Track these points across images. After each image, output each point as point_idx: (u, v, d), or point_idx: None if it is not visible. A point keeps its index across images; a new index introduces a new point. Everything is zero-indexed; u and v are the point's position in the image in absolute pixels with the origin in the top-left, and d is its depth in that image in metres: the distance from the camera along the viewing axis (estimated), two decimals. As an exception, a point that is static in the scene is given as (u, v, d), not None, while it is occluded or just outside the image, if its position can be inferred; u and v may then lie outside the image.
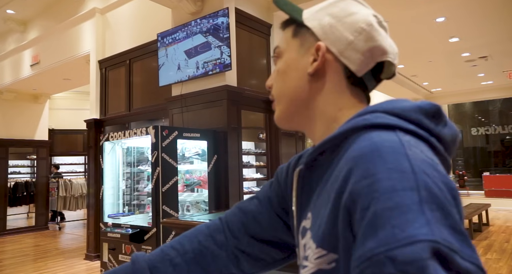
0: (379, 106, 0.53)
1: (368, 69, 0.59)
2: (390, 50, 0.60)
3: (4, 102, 8.34)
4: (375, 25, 0.59)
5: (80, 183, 9.60)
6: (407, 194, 0.39)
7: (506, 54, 8.07)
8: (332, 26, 0.59)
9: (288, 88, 0.63)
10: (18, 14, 7.49)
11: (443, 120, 0.53)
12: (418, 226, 0.37)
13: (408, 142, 0.46)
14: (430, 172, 0.42)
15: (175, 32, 4.44)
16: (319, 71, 0.60)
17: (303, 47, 0.62)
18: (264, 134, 4.80)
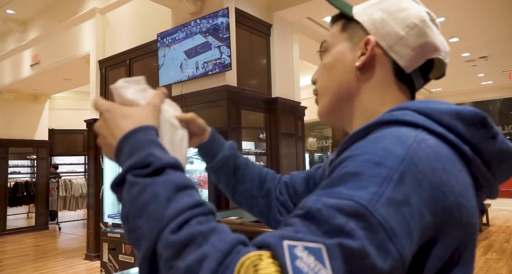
0: (412, 104, 0.52)
1: (418, 66, 0.58)
2: (442, 47, 0.59)
3: (4, 102, 8.34)
4: (428, 21, 0.58)
5: (80, 183, 9.60)
6: (378, 168, 0.41)
7: (506, 54, 8.07)
8: (383, 21, 0.59)
9: (334, 82, 0.63)
10: (18, 14, 7.48)
11: (490, 132, 0.50)
12: (363, 192, 0.39)
13: (423, 140, 0.45)
14: (422, 168, 0.42)
15: (175, 32, 4.44)
16: (367, 65, 0.59)
17: (351, 41, 0.62)
18: (264, 134, 4.80)
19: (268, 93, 4.79)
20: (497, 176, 0.52)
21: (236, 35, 4.19)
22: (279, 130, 4.69)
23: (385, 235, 0.38)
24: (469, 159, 0.49)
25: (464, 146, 0.48)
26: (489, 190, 0.52)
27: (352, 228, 0.37)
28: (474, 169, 0.50)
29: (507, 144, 0.51)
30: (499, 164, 0.51)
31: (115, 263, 3.75)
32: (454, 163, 0.46)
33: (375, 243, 0.37)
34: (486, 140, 0.49)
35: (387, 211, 0.39)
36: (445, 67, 0.60)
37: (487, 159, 0.50)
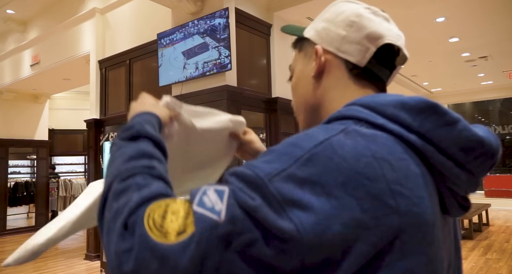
0: (359, 99, 0.54)
1: (369, 56, 0.59)
2: (388, 33, 0.60)
3: (4, 102, 8.34)
4: (366, 14, 0.61)
5: (80, 183, 9.60)
6: (292, 148, 0.45)
7: (506, 54, 8.07)
8: (325, 29, 0.63)
9: (301, 98, 0.67)
10: (18, 14, 7.48)
11: (442, 119, 0.49)
12: (267, 166, 0.44)
13: (355, 130, 0.48)
14: (341, 152, 0.44)
15: (173, 33, 4.45)
16: (322, 72, 0.62)
17: (306, 57, 0.66)
18: (264, 134, 4.80)
19: (268, 93, 4.79)
20: (469, 166, 0.50)
21: (236, 35, 4.19)
22: (279, 130, 4.69)
23: (278, 206, 0.41)
24: (418, 148, 0.48)
25: (409, 135, 0.48)
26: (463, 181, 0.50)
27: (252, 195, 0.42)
28: (429, 159, 0.49)
29: (470, 132, 0.49)
30: (465, 153, 0.49)
31: (115, 263, 3.75)
32: (392, 151, 0.46)
33: (267, 209, 0.41)
34: (438, 128, 0.48)
35: (282, 185, 0.42)
36: (403, 51, 0.61)
37: (444, 147, 0.49)
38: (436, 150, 0.49)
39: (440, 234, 0.49)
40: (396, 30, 0.61)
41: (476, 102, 13.49)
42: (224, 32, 3.95)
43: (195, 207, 0.42)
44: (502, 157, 9.60)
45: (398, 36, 0.61)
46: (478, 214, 6.88)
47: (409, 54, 0.64)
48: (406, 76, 9.86)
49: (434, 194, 0.50)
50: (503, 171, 12.71)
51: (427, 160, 0.49)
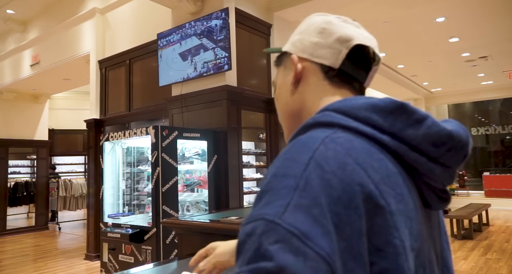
0: (332, 104, 0.56)
1: (343, 58, 0.62)
2: (357, 35, 0.63)
3: (4, 102, 8.34)
4: (336, 22, 0.65)
5: (80, 183, 9.60)
6: (285, 180, 0.44)
7: (506, 54, 8.07)
8: (299, 39, 0.67)
9: (283, 106, 0.70)
10: (18, 14, 7.48)
11: (411, 118, 0.51)
12: (272, 207, 0.42)
13: (332, 139, 0.48)
14: (328, 168, 0.44)
15: (170, 34, 4.46)
16: (300, 79, 0.66)
17: (286, 68, 0.69)
18: (264, 134, 4.80)
19: (268, 93, 4.79)
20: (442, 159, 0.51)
21: (236, 35, 4.19)
22: (279, 130, 4.69)
23: (297, 240, 0.40)
24: (391, 148, 0.50)
25: (382, 136, 0.50)
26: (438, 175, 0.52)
27: (265, 249, 0.40)
28: (403, 157, 0.51)
29: (439, 127, 0.51)
30: (436, 147, 0.51)
31: (115, 263, 3.75)
32: (370, 154, 0.48)
33: (292, 250, 0.39)
34: (408, 126, 0.51)
35: (294, 217, 0.41)
36: (375, 52, 0.64)
37: (415, 144, 0.50)
38: (409, 148, 0.51)
39: (424, 228, 0.52)
40: (366, 34, 0.65)
41: (476, 102, 13.49)
42: (221, 34, 3.96)
43: None
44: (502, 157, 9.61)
45: (368, 38, 0.64)
46: (478, 214, 6.88)
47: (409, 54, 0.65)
48: (406, 76, 9.86)
49: (413, 190, 0.52)
50: (503, 171, 12.70)
51: (401, 158, 0.51)
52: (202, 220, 2.12)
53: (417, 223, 0.50)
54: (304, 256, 0.39)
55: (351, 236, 0.42)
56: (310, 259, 0.39)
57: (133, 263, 3.53)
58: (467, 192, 11.28)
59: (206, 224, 2.00)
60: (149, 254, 3.43)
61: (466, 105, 14.10)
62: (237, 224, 1.89)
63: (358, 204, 0.43)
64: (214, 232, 1.92)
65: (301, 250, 0.39)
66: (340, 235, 0.42)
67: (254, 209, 0.45)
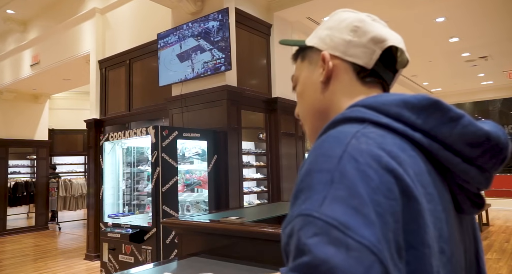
0: (362, 100, 0.54)
1: (376, 58, 0.61)
2: (390, 36, 0.63)
3: (4, 102, 8.34)
4: (368, 20, 0.63)
5: (80, 183, 9.60)
6: (320, 175, 0.43)
7: (506, 54, 8.07)
8: (330, 36, 0.64)
9: (309, 104, 0.67)
10: (18, 14, 7.48)
11: (446, 116, 0.49)
12: (309, 203, 0.42)
13: (363, 133, 0.47)
14: (363, 160, 0.43)
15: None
16: (330, 77, 0.63)
17: (312, 64, 0.67)
18: (264, 134, 4.80)
19: (268, 93, 4.79)
20: (478, 161, 0.50)
21: (236, 35, 4.19)
22: (279, 130, 4.69)
23: (337, 231, 0.38)
24: (423, 146, 0.49)
25: (414, 133, 0.49)
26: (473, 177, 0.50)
27: (304, 243, 0.39)
28: (436, 156, 0.49)
29: (476, 127, 0.49)
30: (472, 148, 0.49)
31: (115, 263, 3.75)
32: (403, 149, 0.47)
33: (332, 242, 0.38)
34: (442, 124, 0.49)
35: (332, 209, 0.40)
36: (405, 55, 0.64)
37: (449, 143, 0.49)
38: (442, 147, 0.49)
39: (456, 233, 0.49)
40: (396, 34, 0.64)
41: (476, 102, 13.48)
42: (218, 35, 3.96)
43: None
44: (502, 157, 9.62)
45: (398, 39, 0.64)
46: (478, 214, 6.89)
47: (409, 54, 0.65)
48: (406, 76, 9.86)
49: (445, 192, 0.50)
50: (503, 171, 12.69)
51: (433, 157, 0.49)
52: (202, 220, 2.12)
53: (447, 225, 0.48)
54: (346, 247, 0.37)
55: (396, 227, 0.41)
56: (353, 250, 0.37)
57: (133, 263, 3.52)
58: (467, 192, 11.27)
59: (206, 224, 2.00)
60: (149, 254, 3.43)
61: (466, 105, 14.10)
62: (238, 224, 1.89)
63: (397, 196, 0.42)
64: (214, 232, 1.92)
65: (342, 241, 0.38)
66: (387, 226, 0.40)
67: (291, 209, 0.44)
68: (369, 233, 0.38)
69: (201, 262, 1.82)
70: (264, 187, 4.81)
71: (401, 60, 0.63)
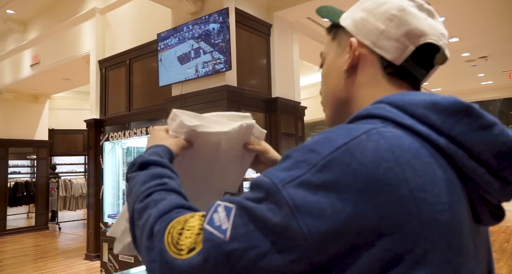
0: (389, 97, 0.51)
1: (407, 55, 0.56)
2: (431, 31, 0.56)
3: (4, 102, 8.34)
4: (409, 8, 0.56)
5: (80, 183, 9.60)
6: (310, 154, 0.44)
7: (506, 54, 8.07)
8: (363, 20, 0.59)
9: (330, 90, 0.64)
10: (18, 14, 7.48)
11: (477, 123, 0.46)
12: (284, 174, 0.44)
13: (378, 132, 0.45)
14: (360, 157, 0.42)
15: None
16: (355, 66, 0.59)
17: (340, 47, 0.63)
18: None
19: (268, 93, 4.79)
20: (503, 173, 0.46)
21: (236, 35, 4.19)
22: (279, 130, 4.69)
23: (288, 210, 0.41)
24: (446, 152, 0.46)
25: (438, 138, 0.46)
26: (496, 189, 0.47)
27: (260, 198, 0.44)
28: (459, 164, 0.46)
29: (508, 137, 0.45)
30: (499, 159, 0.45)
31: (115, 263, 3.75)
32: (417, 156, 0.44)
33: (279, 216, 0.42)
34: (471, 131, 0.45)
35: (296, 191, 0.42)
36: (445, 51, 0.58)
37: (476, 152, 0.45)
38: (467, 155, 0.46)
39: (470, 243, 0.46)
40: (440, 28, 0.58)
41: (476, 102, 13.50)
42: (218, 37, 3.96)
43: (205, 225, 0.45)
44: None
45: (441, 35, 0.57)
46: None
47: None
48: (406, 76, 9.86)
49: (464, 201, 0.47)
50: (503, 171, 12.70)
51: (457, 165, 0.46)
52: (202, 220, 2.12)
53: (462, 237, 0.44)
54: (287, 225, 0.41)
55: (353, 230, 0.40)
56: (290, 231, 0.41)
57: (133, 263, 3.53)
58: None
59: (206, 224, 2.00)
60: (149, 254, 3.42)
61: (466, 105, 14.12)
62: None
63: (377, 203, 0.41)
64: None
65: (286, 219, 0.41)
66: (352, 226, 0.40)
67: (273, 167, 0.47)
68: (314, 226, 0.40)
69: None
70: (264, 187, 4.81)
71: (438, 57, 0.58)
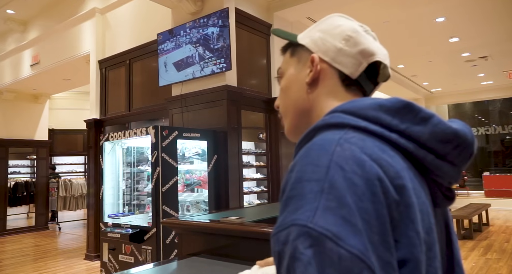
0: (340, 106, 0.57)
1: (361, 70, 0.64)
2: (378, 51, 0.65)
3: (4, 102, 8.34)
4: (361, 32, 0.65)
5: (80, 183, 9.59)
6: (309, 184, 0.46)
7: (506, 54, 8.07)
8: (322, 39, 0.66)
9: (291, 101, 0.69)
10: (18, 14, 7.48)
11: (418, 117, 0.53)
12: (301, 212, 0.44)
13: (345, 140, 0.50)
14: (348, 168, 0.46)
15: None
16: (316, 79, 0.66)
17: (300, 62, 0.69)
18: (264, 134, 4.80)
19: (268, 93, 4.79)
20: (449, 157, 0.53)
21: (236, 35, 4.19)
22: (279, 130, 4.69)
23: (331, 242, 0.41)
24: (399, 145, 0.52)
25: (391, 134, 0.52)
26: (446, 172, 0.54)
27: (301, 252, 0.42)
28: (412, 154, 0.53)
29: (445, 125, 0.53)
30: (443, 144, 0.53)
31: (115, 263, 3.75)
32: (383, 150, 0.50)
33: (325, 253, 0.41)
34: (415, 124, 0.53)
35: (325, 220, 0.42)
36: (388, 70, 0.66)
37: (423, 141, 0.52)
38: (417, 146, 0.52)
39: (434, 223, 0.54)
40: (383, 49, 0.67)
41: (476, 102, 13.48)
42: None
43: None
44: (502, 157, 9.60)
45: (385, 55, 0.67)
46: (478, 214, 6.88)
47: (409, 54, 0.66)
48: (406, 76, 9.86)
49: (424, 186, 0.54)
50: (503, 171, 12.70)
51: (410, 155, 0.53)
52: (202, 220, 2.12)
53: (428, 216, 0.52)
54: (339, 257, 0.41)
55: (383, 229, 0.44)
56: (345, 259, 0.40)
57: (133, 263, 3.53)
58: (467, 192, 11.28)
59: (206, 224, 2.00)
60: (149, 254, 3.43)
61: (466, 105, 14.10)
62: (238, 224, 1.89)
63: (381, 198, 0.45)
64: (214, 232, 1.92)
65: (336, 252, 0.41)
66: (372, 229, 0.43)
67: (282, 215, 0.46)
68: (358, 242, 0.41)
69: (201, 262, 1.82)
70: (264, 187, 4.81)
71: (383, 74, 0.66)
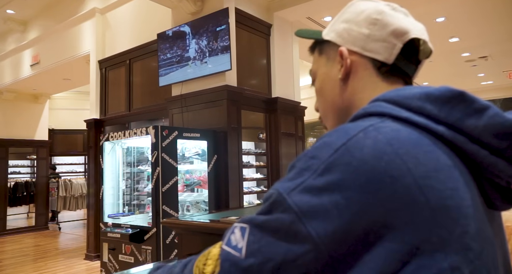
0: (384, 95, 0.53)
1: (397, 53, 0.59)
2: (412, 27, 0.59)
3: (4, 102, 8.34)
4: (388, 11, 0.60)
5: (80, 183, 9.59)
6: (311, 161, 0.47)
7: (506, 54, 8.07)
8: (347, 29, 0.62)
9: (328, 102, 0.66)
10: (18, 14, 7.48)
11: (471, 107, 0.47)
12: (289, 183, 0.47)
13: (376, 128, 0.47)
14: (358, 156, 0.44)
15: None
16: (349, 73, 0.61)
17: (329, 59, 0.65)
18: (264, 134, 4.80)
19: (268, 93, 4.79)
20: (507, 153, 0.46)
21: (236, 35, 4.19)
22: (279, 130, 4.69)
23: (295, 216, 0.44)
24: (447, 139, 0.47)
25: (437, 127, 0.47)
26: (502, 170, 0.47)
27: (269, 210, 0.47)
28: (462, 149, 0.47)
29: (503, 117, 0.46)
30: (500, 139, 0.46)
31: (115, 263, 3.75)
32: (417, 145, 0.45)
33: (288, 223, 0.44)
34: (467, 116, 0.47)
35: (301, 197, 0.44)
36: (428, 45, 0.60)
37: (476, 135, 0.47)
38: (468, 140, 0.47)
39: (486, 228, 0.47)
40: (418, 24, 0.61)
41: (476, 102, 13.50)
42: (218, 40, 3.97)
43: (223, 246, 0.48)
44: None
45: (421, 29, 0.60)
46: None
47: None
48: (406, 76, 9.86)
49: (473, 186, 0.48)
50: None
51: (459, 150, 0.48)
52: (202, 220, 2.12)
53: (475, 221, 0.44)
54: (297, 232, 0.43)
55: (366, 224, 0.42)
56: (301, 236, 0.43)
57: (133, 263, 3.53)
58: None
59: (206, 224, 2.00)
60: (149, 254, 3.43)
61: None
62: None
63: (383, 197, 0.42)
64: (214, 232, 1.92)
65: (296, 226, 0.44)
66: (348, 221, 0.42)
67: (280, 180, 0.49)
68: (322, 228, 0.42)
69: (201, 262, 1.81)
70: (264, 187, 4.81)
71: (423, 50, 0.60)
